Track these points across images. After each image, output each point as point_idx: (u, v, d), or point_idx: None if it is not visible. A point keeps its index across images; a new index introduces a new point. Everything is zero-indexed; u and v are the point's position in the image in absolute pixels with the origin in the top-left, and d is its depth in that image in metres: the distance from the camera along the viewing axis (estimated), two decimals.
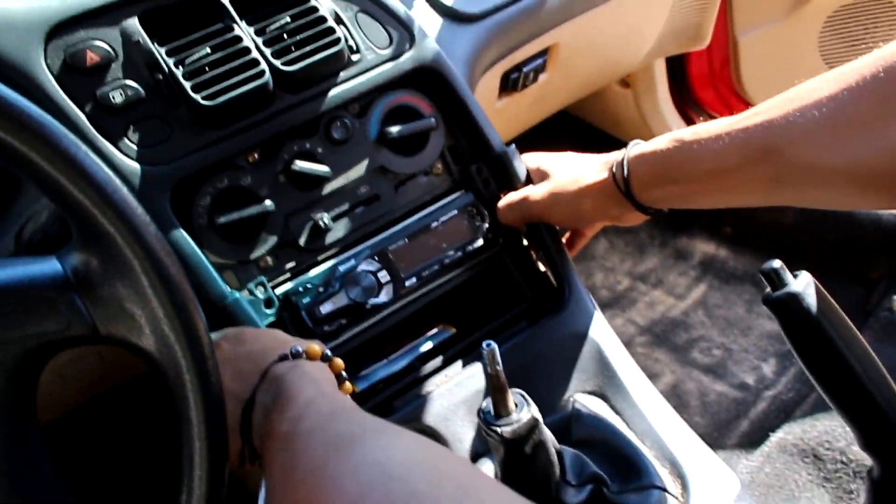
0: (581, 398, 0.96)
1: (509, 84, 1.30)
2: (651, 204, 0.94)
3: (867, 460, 1.34)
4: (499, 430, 0.79)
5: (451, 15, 1.16)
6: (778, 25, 1.84)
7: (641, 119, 1.96)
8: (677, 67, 1.98)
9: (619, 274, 1.93)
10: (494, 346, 0.76)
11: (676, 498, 0.86)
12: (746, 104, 1.97)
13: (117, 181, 0.60)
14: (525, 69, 1.30)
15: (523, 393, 0.82)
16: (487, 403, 0.82)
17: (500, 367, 0.78)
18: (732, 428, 1.51)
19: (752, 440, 1.47)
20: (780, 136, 0.78)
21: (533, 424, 0.79)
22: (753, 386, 1.60)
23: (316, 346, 0.78)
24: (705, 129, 0.87)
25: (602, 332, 1.00)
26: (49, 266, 0.62)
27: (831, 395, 0.74)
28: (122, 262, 0.60)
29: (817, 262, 1.78)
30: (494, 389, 0.79)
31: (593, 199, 0.96)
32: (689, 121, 2.05)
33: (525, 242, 1.08)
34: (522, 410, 0.80)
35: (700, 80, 1.98)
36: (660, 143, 0.91)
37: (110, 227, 0.59)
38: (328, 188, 1.00)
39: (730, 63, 1.94)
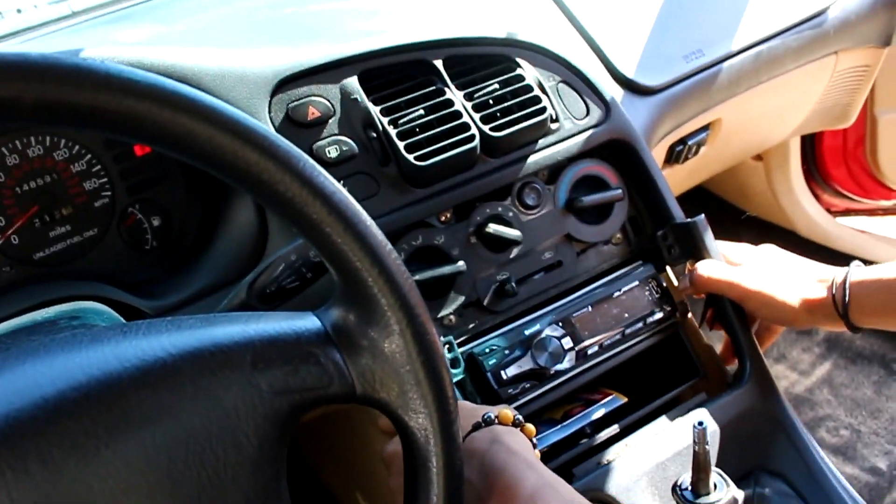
0: (762, 478, 0.96)
1: (674, 156, 1.32)
2: (866, 326, 0.96)
3: None
4: None
5: (630, 87, 1.18)
6: None
7: (771, 193, 1.96)
8: (809, 143, 1.98)
9: None
10: (707, 426, 0.77)
11: None
12: (880, 184, 1.96)
13: (388, 244, 0.62)
14: (690, 142, 1.31)
15: (722, 473, 0.83)
16: (684, 480, 0.83)
17: (708, 447, 0.78)
18: None
19: None
20: None
21: None
22: (887, 471, 1.57)
23: (508, 412, 0.79)
24: None
25: (783, 410, 1.00)
26: (310, 322, 0.64)
27: None
28: (385, 324, 0.62)
29: None
30: (698, 468, 0.80)
31: (808, 314, 0.98)
32: (816, 197, 2.04)
33: (692, 317, 1.09)
34: (722, 490, 0.81)
35: (832, 157, 1.97)
36: (885, 271, 0.93)
37: (377, 289, 0.61)
38: (515, 252, 1.02)
39: (865, 141, 1.93)
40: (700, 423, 0.78)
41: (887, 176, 1.91)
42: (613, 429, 1.01)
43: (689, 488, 0.82)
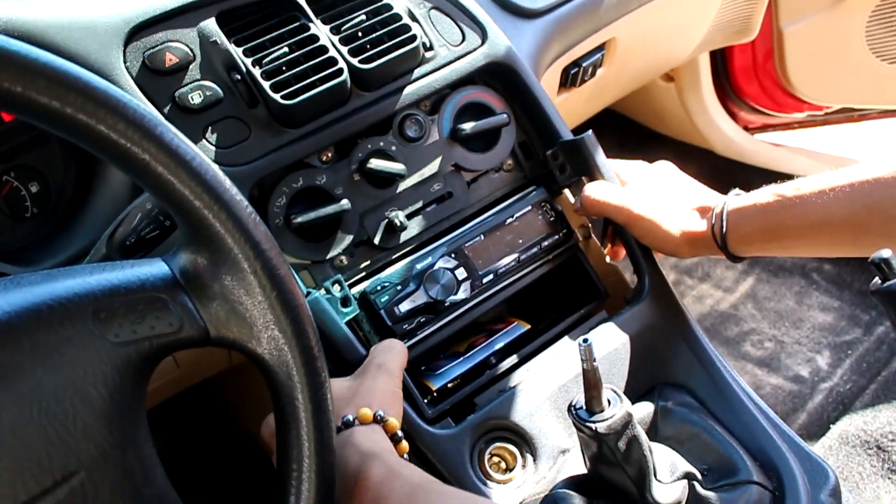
0: (665, 390, 0.95)
1: (569, 79, 1.30)
2: (746, 255, 0.96)
3: None
4: (593, 426, 0.78)
5: (514, 11, 1.16)
6: (823, 16, 1.82)
7: (686, 113, 1.95)
8: (720, 61, 1.97)
9: (666, 268, 1.91)
10: (591, 342, 0.76)
11: (771, 492, 0.85)
12: (792, 97, 1.96)
13: (228, 182, 0.60)
14: (584, 64, 1.29)
15: (616, 388, 0.82)
16: (579, 399, 0.81)
17: (596, 364, 0.77)
18: (790, 421, 1.50)
19: (811, 433, 1.46)
20: (889, 194, 0.79)
21: (627, 420, 0.79)
22: (809, 378, 1.59)
23: (367, 411, 0.77)
24: (807, 183, 0.88)
25: (684, 322, 0.99)
26: (157, 268, 0.62)
27: None
28: (232, 262, 0.60)
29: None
30: (589, 386, 0.79)
31: (689, 246, 0.98)
32: (733, 115, 2.04)
33: (596, 238, 1.08)
34: (616, 406, 0.80)
35: (743, 73, 1.97)
36: (760, 196, 0.93)
37: (221, 227, 0.59)
38: (402, 186, 1.00)
39: (774, 55, 1.93)
40: (585, 340, 0.76)
41: (798, 88, 1.91)
42: (516, 356, 0.99)
43: (583, 407, 0.81)
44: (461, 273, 0.98)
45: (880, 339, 1.59)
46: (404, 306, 0.95)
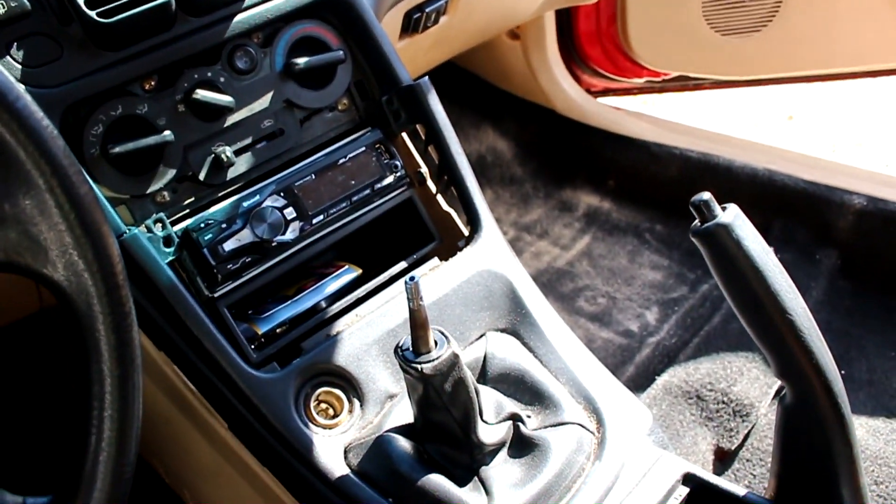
0: (494, 336, 0.95)
1: (411, 25, 1.27)
2: None
3: (746, 399, 1.40)
4: (419, 366, 0.77)
5: None
6: None
7: (530, 72, 1.97)
8: (566, 24, 1.99)
9: (505, 224, 1.94)
10: (419, 280, 0.74)
11: (592, 433, 0.87)
12: (632, 62, 2.01)
13: (20, 88, 0.55)
14: (427, 9, 1.27)
15: (443, 330, 0.81)
16: (405, 341, 0.80)
17: (423, 303, 0.76)
18: (619, 373, 1.54)
19: (639, 384, 1.51)
20: None
21: (454, 361, 0.78)
22: (637, 333, 1.64)
23: None
24: None
25: (514, 270, 0.99)
26: None
27: (753, 323, 0.75)
28: (25, 179, 0.55)
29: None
30: (415, 326, 0.77)
31: None
32: (576, 77, 2.07)
33: (432, 184, 1.07)
34: (443, 347, 0.79)
35: (588, 37, 2.00)
36: None
37: (12, 138, 0.54)
38: (230, 120, 0.95)
39: (616, 21, 1.96)
40: (412, 279, 0.75)
41: (638, 53, 1.95)
42: (346, 301, 0.97)
43: (410, 348, 0.80)
44: (290, 213, 0.94)
45: (704, 297, 1.66)
46: (229, 245, 0.91)
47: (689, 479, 0.85)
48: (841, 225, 1.66)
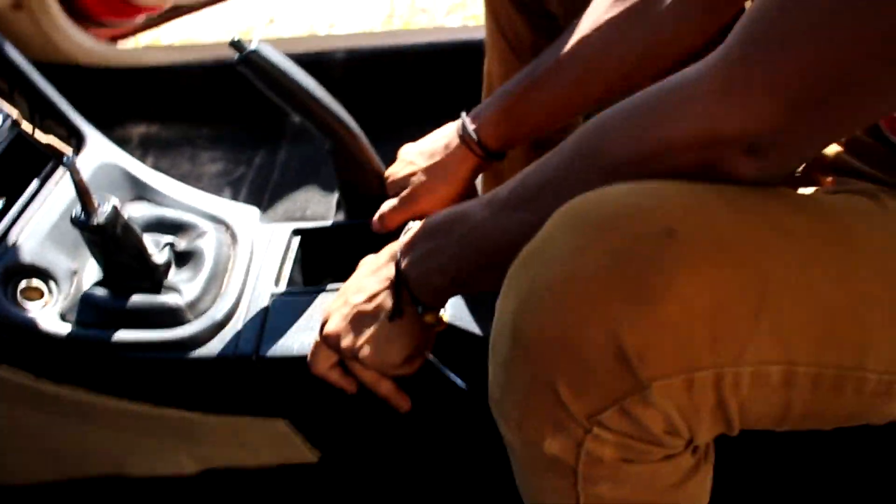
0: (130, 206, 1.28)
1: None
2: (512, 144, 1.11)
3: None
4: (95, 221, 1.06)
5: None
6: None
7: (43, 36, 2.12)
8: None
9: None
10: (73, 156, 1.05)
11: (229, 229, 1.25)
12: (126, 4, 2.24)
13: None
14: None
15: (108, 195, 1.10)
16: (77, 211, 1.09)
17: (82, 175, 1.06)
18: None
19: None
20: None
21: (116, 212, 1.07)
22: None
23: None
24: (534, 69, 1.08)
25: (125, 158, 1.32)
26: None
27: (304, 113, 1.13)
28: None
29: None
30: (79, 193, 1.05)
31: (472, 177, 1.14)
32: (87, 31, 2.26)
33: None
34: (105, 204, 1.09)
35: None
36: (493, 100, 1.10)
37: None
38: None
39: None
40: (69, 158, 1.03)
41: None
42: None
43: (81, 214, 1.09)
44: None
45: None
46: None
47: (297, 231, 1.27)
48: None
